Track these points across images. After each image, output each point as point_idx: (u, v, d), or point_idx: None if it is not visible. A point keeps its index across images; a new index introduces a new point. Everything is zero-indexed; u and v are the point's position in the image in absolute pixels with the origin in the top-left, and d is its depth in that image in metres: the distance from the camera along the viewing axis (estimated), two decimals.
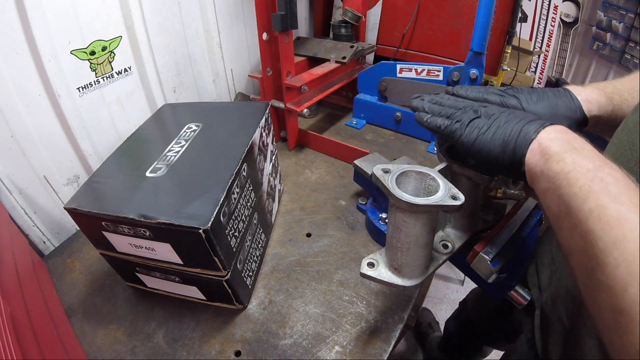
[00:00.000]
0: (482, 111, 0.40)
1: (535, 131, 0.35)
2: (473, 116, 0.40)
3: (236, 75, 1.03)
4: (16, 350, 0.33)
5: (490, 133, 0.38)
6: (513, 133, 0.36)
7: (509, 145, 0.36)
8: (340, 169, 0.86)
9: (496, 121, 0.38)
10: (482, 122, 0.39)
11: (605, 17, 1.45)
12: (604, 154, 0.41)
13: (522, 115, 0.38)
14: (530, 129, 0.35)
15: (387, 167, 0.41)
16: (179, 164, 0.52)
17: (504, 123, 0.38)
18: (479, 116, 0.40)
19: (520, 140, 0.35)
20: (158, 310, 0.56)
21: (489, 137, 0.38)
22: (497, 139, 0.37)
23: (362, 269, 0.43)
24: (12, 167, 0.59)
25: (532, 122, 0.36)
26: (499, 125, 0.38)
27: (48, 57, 0.58)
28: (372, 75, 0.97)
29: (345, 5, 1.02)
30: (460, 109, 0.42)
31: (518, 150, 0.35)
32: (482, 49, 0.75)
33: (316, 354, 0.50)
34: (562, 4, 1.39)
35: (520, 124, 0.36)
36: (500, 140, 0.37)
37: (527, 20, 1.39)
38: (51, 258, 0.65)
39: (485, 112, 0.40)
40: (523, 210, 0.56)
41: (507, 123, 0.37)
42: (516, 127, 0.36)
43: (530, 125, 0.36)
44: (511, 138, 0.36)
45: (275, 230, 0.69)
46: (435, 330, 1.33)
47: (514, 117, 0.38)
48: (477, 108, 0.41)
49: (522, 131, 0.36)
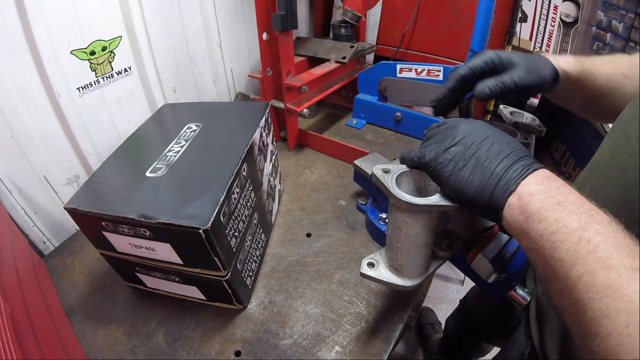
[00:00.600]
0: (459, 139, 0.36)
1: (515, 182, 0.31)
2: (451, 142, 0.36)
3: (236, 75, 1.03)
4: (16, 350, 0.33)
5: (467, 172, 0.34)
6: (492, 179, 0.33)
7: (485, 192, 0.33)
8: (340, 169, 0.86)
9: (475, 155, 0.34)
10: (459, 153, 0.35)
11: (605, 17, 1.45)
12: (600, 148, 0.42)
13: (506, 147, 0.34)
14: (510, 177, 0.32)
15: (387, 167, 0.41)
16: (179, 164, 0.52)
17: (483, 159, 0.34)
18: (455, 144, 0.36)
19: (498, 191, 0.32)
20: (158, 310, 0.56)
21: (465, 177, 0.34)
22: (474, 181, 0.34)
23: (362, 269, 0.43)
24: (12, 167, 0.59)
25: (515, 164, 0.32)
26: (477, 162, 0.34)
27: (48, 57, 0.58)
28: (372, 75, 0.97)
29: (345, 5, 1.02)
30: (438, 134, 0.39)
31: (495, 202, 0.32)
32: (482, 49, 0.75)
33: (316, 354, 0.50)
34: (562, 4, 1.38)
35: (501, 167, 0.33)
36: (477, 184, 0.33)
37: (527, 20, 1.39)
38: (51, 258, 0.65)
39: (464, 141, 0.36)
40: None
41: (487, 160, 0.34)
42: (496, 170, 0.33)
43: (512, 170, 0.32)
44: (489, 185, 0.33)
45: (275, 230, 0.69)
46: (437, 332, 1.33)
47: (496, 152, 0.34)
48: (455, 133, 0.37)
49: (502, 180, 0.32)
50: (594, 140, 1.15)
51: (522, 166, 0.32)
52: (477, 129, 0.36)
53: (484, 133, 0.36)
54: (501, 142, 0.35)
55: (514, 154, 0.33)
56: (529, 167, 0.32)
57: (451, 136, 0.37)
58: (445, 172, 0.35)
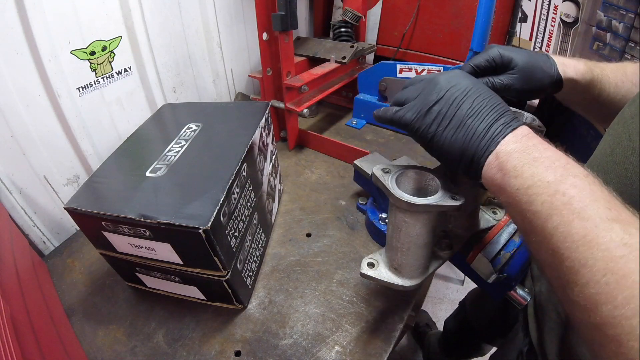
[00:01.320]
0: (441, 95, 0.35)
1: (494, 142, 0.32)
2: (433, 100, 0.35)
3: (236, 75, 1.03)
4: (16, 350, 0.33)
5: (450, 132, 0.34)
6: (474, 139, 0.33)
7: (467, 152, 0.34)
8: (340, 169, 0.86)
9: (457, 113, 0.34)
10: (442, 111, 0.35)
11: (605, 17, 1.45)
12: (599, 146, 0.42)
13: (487, 103, 0.34)
14: (491, 136, 0.32)
15: (387, 167, 0.41)
16: (179, 164, 0.52)
17: (466, 117, 0.34)
18: (437, 101, 0.35)
19: (479, 151, 0.33)
20: (158, 310, 0.56)
21: (449, 137, 0.34)
22: (457, 141, 0.34)
23: (362, 269, 0.43)
24: (12, 167, 0.59)
25: (495, 122, 0.33)
26: (460, 121, 0.34)
27: (48, 57, 0.58)
28: (372, 75, 0.97)
29: (345, 5, 1.02)
30: (416, 89, 0.38)
31: (476, 161, 0.33)
32: (482, 49, 0.75)
33: (316, 354, 0.50)
34: (562, 4, 1.38)
35: (482, 126, 0.33)
36: (460, 144, 0.34)
37: (527, 20, 1.39)
38: (51, 258, 0.65)
39: (446, 97, 0.35)
40: None
41: (469, 118, 0.33)
42: (478, 129, 0.33)
43: (492, 129, 0.33)
44: (471, 145, 0.33)
45: (275, 230, 0.69)
46: (432, 329, 1.33)
47: (478, 109, 0.34)
48: (436, 89, 0.36)
49: (483, 139, 0.33)
50: (594, 140, 1.15)
51: (502, 124, 0.33)
52: (459, 82, 0.36)
53: (465, 86, 0.35)
54: (482, 97, 0.34)
55: (493, 111, 0.33)
56: (508, 126, 0.32)
57: (432, 92, 0.36)
58: (429, 133, 0.35)
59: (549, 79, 0.45)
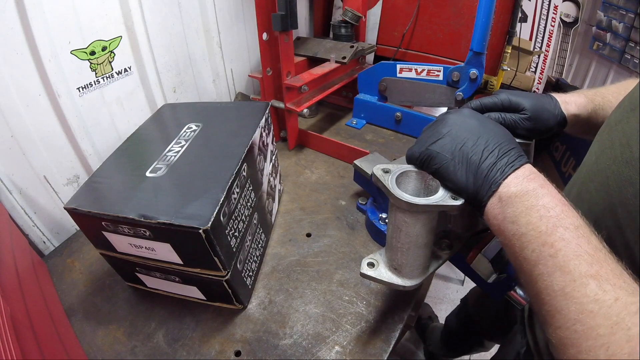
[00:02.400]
0: (446, 131, 0.38)
1: (496, 183, 0.34)
2: (439, 135, 0.38)
3: (236, 75, 1.03)
4: (16, 350, 0.33)
5: (454, 166, 0.36)
6: (477, 177, 0.35)
7: (470, 188, 0.35)
8: (340, 169, 0.86)
9: (462, 149, 0.36)
10: (446, 146, 0.37)
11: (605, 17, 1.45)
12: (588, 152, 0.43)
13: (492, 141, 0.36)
14: (494, 177, 0.34)
15: (387, 167, 0.41)
16: (179, 164, 0.52)
17: (470, 154, 0.36)
18: (443, 136, 0.37)
19: (482, 190, 0.34)
20: (158, 310, 0.56)
21: (454, 171, 0.36)
22: (461, 176, 0.36)
23: (362, 269, 0.43)
24: (12, 167, 0.59)
25: (499, 160, 0.34)
26: (464, 157, 0.36)
27: (48, 57, 0.58)
28: (372, 75, 0.97)
29: (345, 5, 1.02)
30: (429, 127, 0.41)
31: (479, 198, 0.35)
32: (482, 49, 0.75)
33: (316, 354, 0.50)
34: (562, 4, 1.38)
35: (486, 164, 0.35)
36: (464, 179, 0.36)
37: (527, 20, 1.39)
38: (51, 258, 0.65)
39: (451, 134, 0.37)
40: None
41: (473, 155, 0.35)
42: (482, 167, 0.35)
43: (495, 169, 0.34)
44: (475, 181, 0.35)
45: (275, 230, 0.69)
46: (434, 321, 1.33)
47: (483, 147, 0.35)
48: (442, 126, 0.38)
49: (487, 178, 0.34)
50: None
51: (504, 164, 0.34)
52: (465, 121, 0.38)
53: (472, 125, 0.38)
54: (488, 135, 0.36)
55: (498, 149, 0.35)
56: (511, 166, 0.34)
57: (438, 129, 0.38)
58: (433, 164, 0.38)
59: (554, 120, 0.47)
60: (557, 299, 0.27)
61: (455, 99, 0.84)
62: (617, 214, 0.33)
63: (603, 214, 0.35)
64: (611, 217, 0.34)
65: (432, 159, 0.38)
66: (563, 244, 0.28)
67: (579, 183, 0.42)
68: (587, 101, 0.49)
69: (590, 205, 0.37)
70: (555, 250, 0.28)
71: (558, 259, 0.28)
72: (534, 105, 0.47)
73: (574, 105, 0.48)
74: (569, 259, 0.27)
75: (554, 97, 0.49)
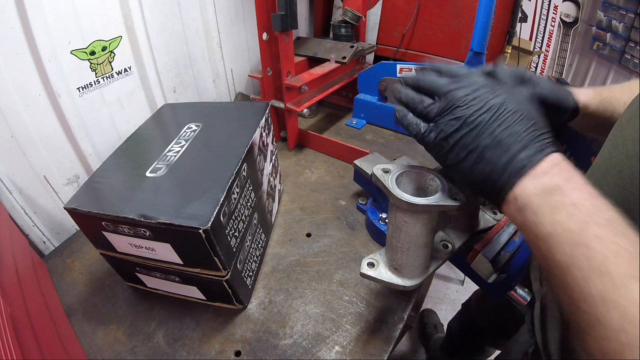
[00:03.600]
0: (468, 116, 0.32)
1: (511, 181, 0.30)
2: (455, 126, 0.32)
3: (236, 75, 1.03)
4: (16, 350, 0.33)
5: (468, 164, 0.32)
6: (492, 175, 0.31)
7: (485, 187, 0.32)
8: (340, 169, 0.86)
9: (480, 141, 0.31)
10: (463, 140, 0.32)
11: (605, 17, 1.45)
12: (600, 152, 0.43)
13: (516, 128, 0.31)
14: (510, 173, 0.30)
15: (387, 167, 0.41)
16: (179, 164, 0.52)
17: (487, 149, 0.31)
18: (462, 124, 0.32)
19: (496, 189, 0.31)
20: (158, 310, 0.56)
21: (467, 169, 0.33)
22: (475, 174, 0.32)
23: (362, 269, 0.43)
24: (12, 167, 0.59)
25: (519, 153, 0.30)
26: (480, 153, 0.32)
27: (48, 57, 0.58)
28: (372, 75, 0.97)
29: (345, 5, 1.02)
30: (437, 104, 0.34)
31: (494, 197, 0.32)
32: (482, 49, 0.75)
33: (316, 354, 0.50)
34: (562, 4, 1.38)
35: (504, 159, 0.31)
36: (479, 177, 0.32)
37: (527, 20, 1.39)
38: (51, 258, 0.65)
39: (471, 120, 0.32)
40: None
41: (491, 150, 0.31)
42: (498, 164, 0.31)
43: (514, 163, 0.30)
44: (489, 180, 0.31)
45: (275, 230, 0.69)
46: (439, 332, 1.33)
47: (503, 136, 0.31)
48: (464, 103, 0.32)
49: (502, 176, 0.31)
50: (594, 140, 1.15)
51: (525, 158, 0.30)
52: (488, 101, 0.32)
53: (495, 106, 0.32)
54: (510, 120, 0.31)
55: (519, 140, 0.31)
56: (531, 160, 0.30)
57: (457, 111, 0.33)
58: (447, 161, 0.34)
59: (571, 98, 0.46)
60: (596, 307, 0.24)
61: None
62: (631, 207, 0.33)
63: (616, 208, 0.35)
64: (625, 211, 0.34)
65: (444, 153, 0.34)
66: (599, 243, 0.25)
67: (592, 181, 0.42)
68: (595, 94, 0.48)
69: None
70: (591, 251, 0.25)
71: (594, 260, 0.25)
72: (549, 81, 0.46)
73: (583, 95, 0.48)
74: (607, 259, 0.24)
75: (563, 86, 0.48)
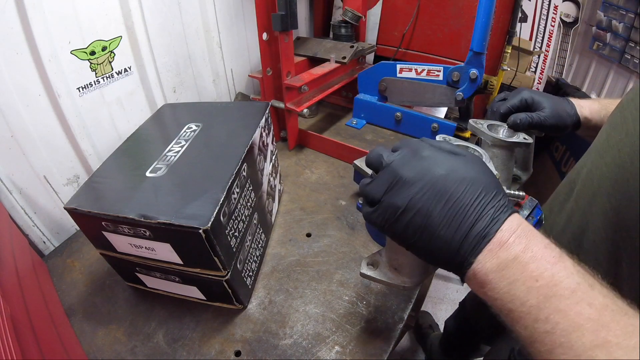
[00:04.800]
0: (410, 198, 0.29)
1: (468, 260, 0.28)
2: (399, 207, 0.29)
3: (236, 75, 1.03)
4: (16, 350, 0.33)
5: (422, 243, 0.30)
6: (448, 254, 0.29)
7: (445, 264, 0.30)
8: (340, 169, 0.86)
9: (429, 221, 0.29)
10: (411, 221, 0.29)
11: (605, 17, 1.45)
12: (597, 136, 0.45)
13: (464, 201, 0.28)
14: (465, 252, 0.28)
15: None
16: (179, 164, 0.52)
17: (438, 228, 0.28)
18: (406, 207, 0.29)
19: (454, 268, 0.30)
20: (158, 310, 0.56)
21: (423, 247, 0.30)
22: (431, 252, 0.30)
23: (362, 269, 0.43)
24: (12, 167, 0.59)
25: (472, 228, 0.28)
26: (432, 234, 0.29)
27: (48, 57, 0.58)
28: (372, 75, 0.97)
29: (345, 5, 1.02)
30: (387, 184, 0.31)
31: (457, 272, 0.30)
32: (482, 49, 0.75)
33: (316, 354, 0.50)
34: (562, 4, 1.38)
35: (457, 236, 0.28)
36: (436, 255, 0.30)
37: (527, 20, 1.39)
38: (51, 258, 0.65)
39: (414, 202, 0.29)
40: (523, 210, 0.56)
41: (442, 228, 0.28)
42: (452, 243, 0.28)
43: (468, 240, 0.28)
44: (447, 259, 0.29)
45: (275, 230, 0.69)
46: (435, 331, 1.33)
47: (453, 213, 0.28)
48: (404, 184, 0.29)
49: (457, 255, 0.28)
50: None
51: (478, 235, 0.28)
52: (431, 176, 0.29)
53: (438, 182, 0.29)
54: (457, 195, 0.28)
55: (469, 214, 0.28)
56: (484, 236, 0.28)
57: (399, 194, 0.30)
58: (402, 242, 0.32)
59: (570, 120, 0.52)
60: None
61: (455, 99, 0.84)
62: (629, 186, 0.33)
63: (614, 187, 0.36)
64: (622, 190, 0.34)
65: (397, 235, 0.31)
66: (560, 317, 0.24)
67: (589, 163, 0.44)
68: (600, 107, 0.53)
69: (602, 180, 0.38)
70: (552, 326, 0.24)
71: (556, 335, 0.24)
72: (554, 105, 0.52)
73: (587, 110, 0.53)
74: (568, 332, 0.24)
75: (570, 101, 0.54)
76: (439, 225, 0.29)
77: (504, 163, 0.55)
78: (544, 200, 0.58)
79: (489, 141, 0.54)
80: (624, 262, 0.37)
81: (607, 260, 0.39)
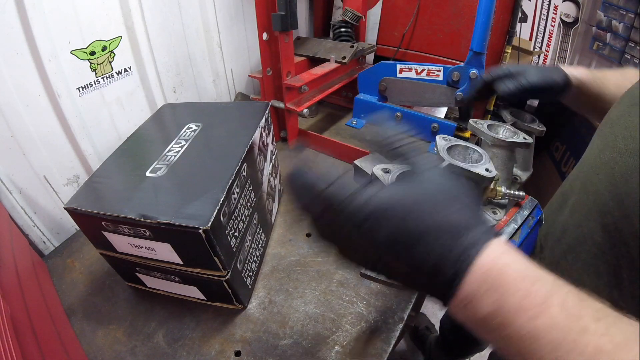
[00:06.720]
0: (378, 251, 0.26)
1: (448, 295, 0.24)
2: (373, 259, 0.28)
3: (236, 75, 1.03)
4: (16, 350, 0.33)
5: (403, 280, 0.28)
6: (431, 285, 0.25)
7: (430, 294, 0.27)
8: (340, 169, 0.86)
9: (402, 268, 0.26)
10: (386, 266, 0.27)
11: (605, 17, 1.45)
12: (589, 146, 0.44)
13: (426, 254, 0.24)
14: (445, 288, 0.24)
15: (387, 167, 0.41)
16: (179, 164, 0.52)
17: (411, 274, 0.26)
18: (377, 260, 0.27)
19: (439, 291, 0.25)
20: (158, 310, 0.56)
21: (405, 282, 0.28)
22: (414, 287, 0.28)
23: (362, 269, 0.43)
24: (12, 167, 0.59)
25: (441, 271, 0.24)
26: (407, 275, 0.26)
27: (48, 57, 0.58)
28: (372, 75, 0.97)
29: (345, 5, 1.02)
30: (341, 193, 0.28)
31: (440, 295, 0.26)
32: (482, 49, 0.75)
33: (316, 354, 0.50)
34: (562, 4, 1.38)
35: (427, 284, 0.25)
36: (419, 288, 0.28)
37: (527, 20, 1.39)
38: (51, 258, 0.65)
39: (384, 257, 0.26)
40: (523, 210, 0.56)
41: (413, 272, 0.25)
42: (428, 286, 0.26)
43: (440, 283, 0.24)
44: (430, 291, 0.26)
45: (275, 230, 0.69)
46: (432, 332, 1.34)
47: (420, 262, 0.24)
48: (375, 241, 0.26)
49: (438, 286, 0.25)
50: None
51: (439, 293, 0.25)
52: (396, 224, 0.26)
53: (404, 232, 0.25)
54: (420, 244, 0.25)
55: (436, 264, 0.24)
56: (444, 297, 0.25)
57: (371, 246, 0.28)
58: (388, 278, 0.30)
59: (560, 78, 0.52)
60: None
61: (455, 99, 0.84)
62: (624, 203, 0.33)
63: (610, 204, 0.36)
64: (618, 207, 0.34)
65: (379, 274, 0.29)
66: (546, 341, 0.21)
67: (582, 176, 0.43)
68: (587, 71, 0.54)
69: (597, 196, 0.38)
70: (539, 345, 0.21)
71: None
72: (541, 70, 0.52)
73: (575, 71, 0.53)
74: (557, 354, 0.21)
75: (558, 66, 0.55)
76: (411, 272, 0.26)
77: (504, 163, 0.55)
78: (544, 200, 0.58)
79: (489, 141, 0.55)
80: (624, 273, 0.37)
81: (607, 272, 0.39)
